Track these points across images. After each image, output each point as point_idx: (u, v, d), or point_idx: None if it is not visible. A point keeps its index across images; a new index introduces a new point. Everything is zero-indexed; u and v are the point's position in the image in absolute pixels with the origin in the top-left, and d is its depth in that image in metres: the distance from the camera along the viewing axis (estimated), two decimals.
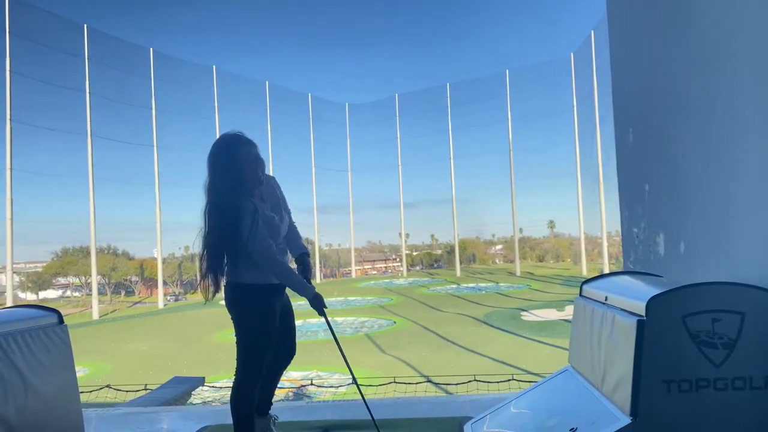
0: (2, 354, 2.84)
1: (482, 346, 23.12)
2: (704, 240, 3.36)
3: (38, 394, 3.01)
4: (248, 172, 2.92)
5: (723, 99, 3.19)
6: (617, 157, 4.93)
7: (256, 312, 2.91)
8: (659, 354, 2.11)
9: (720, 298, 2.12)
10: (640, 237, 4.48)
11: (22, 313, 3.20)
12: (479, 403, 3.58)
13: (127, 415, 4.16)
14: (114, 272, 56.95)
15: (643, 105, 4.33)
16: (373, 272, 74.94)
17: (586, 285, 3.06)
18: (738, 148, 3.02)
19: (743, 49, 2.98)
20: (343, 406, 3.82)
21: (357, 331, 29.72)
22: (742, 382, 2.09)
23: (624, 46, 4.76)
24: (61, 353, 3.24)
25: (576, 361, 2.98)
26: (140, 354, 25.59)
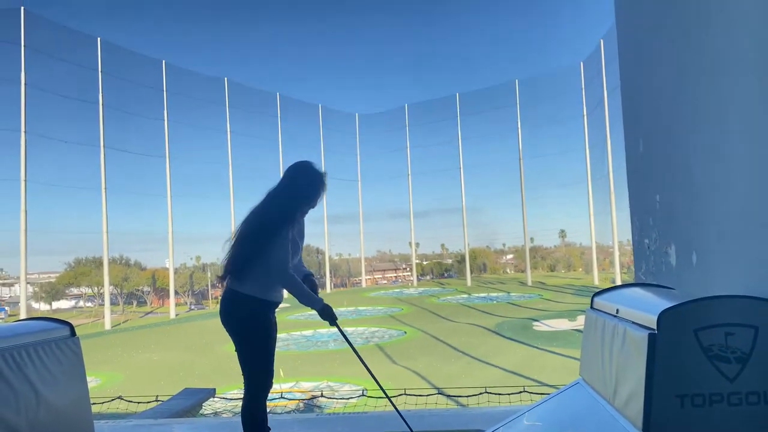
0: (15, 366, 2.86)
1: (494, 357, 22.97)
2: (716, 251, 3.32)
3: (50, 407, 3.03)
4: (311, 204, 3.17)
5: (733, 108, 3.17)
6: (627, 167, 4.91)
7: (260, 326, 2.99)
8: (671, 368, 2.09)
9: (733, 312, 2.10)
10: (652, 248, 4.45)
11: (34, 326, 3.23)
12: (491, 416, 3.55)
13: (139, 426, 4.16)
14: (126, 282, 57.28)
15: (653, 115, 4.31)
16: (384, 282, 74.84)
17: (597, 297, 3.04)
18: (748, 158, 2.99)
19: (752, 57, 2.96)
20: (355, 419, 3.81)
21: (367, 341, 29.64)
22: (756, 397, 2.06)
23: (633, 57, 4.75)
24: (73, 366, 3.27)
25: (587, 374, 2.95)
26: (152, 364, 25.68)
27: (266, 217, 3.02)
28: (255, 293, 2.96)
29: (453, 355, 24.60)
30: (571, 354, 20.01)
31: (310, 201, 3.16)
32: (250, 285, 2.96)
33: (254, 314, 2.98)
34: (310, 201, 3.16)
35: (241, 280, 2.99)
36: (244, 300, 2.98)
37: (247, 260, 2.98)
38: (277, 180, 3.26)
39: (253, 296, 2.96)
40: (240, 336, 2.99)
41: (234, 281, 3.02)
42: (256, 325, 2.98)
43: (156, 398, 6.66)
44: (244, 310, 3.00)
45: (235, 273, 3.03)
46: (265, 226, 2.98)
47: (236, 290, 3.01)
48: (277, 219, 2.98)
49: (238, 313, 3.01)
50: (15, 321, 3.47)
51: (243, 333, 2.99)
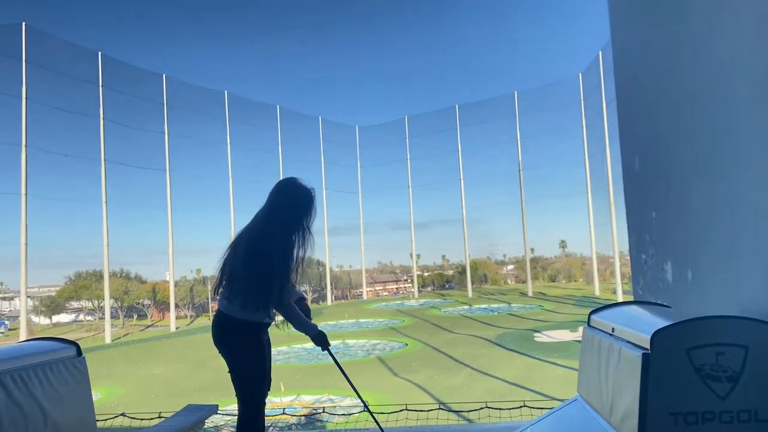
0: (23, 386, 2.91)
1: (495, 369, 22.93)
2: (711, 269, 3.39)
3: (57, 426, 3.08)
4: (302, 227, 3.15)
5: (729, 127, 3.24)
6: (624, 184, 4.98)
7: (251, 346, 3.03)
8: (665, 387, 2.15)
9: (724, 332, 2.16)
10: (649, 263, 4.51)
11: (41, 346, 3.29)
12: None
13: None
14: (127, 296, 57.21)
15: (649, 132, 4.39)
16: (385, 293, 74.71)
17: (594, 315, 3.11)
18: (741, 175, 3.06)
19: (748, 74, 3.03)
20: None
21: (369, 353, 29.58)
22: (747, 415, 2.12)
23: (628, 74, 4.84)
24: (79, 385, 3.32)
25: (585, 391, 3.01)
26: (153, 378, 25.63)
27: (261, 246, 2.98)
28: (247, 317, 2.98)
29: (454, 366, 24.55)
30: (572, 365, 19.96)
31: (303, 225, 3.14)
32: (244, 308, 2.98)
33: (247, 336, 3.02)
34: (303, 225, 3.14)
35: (232, 302, 3.01)
36: (236, 324, 3.01)
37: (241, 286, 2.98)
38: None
39: (245, 320, 2.99)
40: (234, 358, 3.02)
41: (225, 303, 3.04)
42: (250, 347, 3.01)
43: (159, 415, 6.65)
44: (235, 334, 3.03)
45: (227, 296, 3.05)
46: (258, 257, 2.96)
47: (228, 314, 3.03)
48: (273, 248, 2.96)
49: (230, 337, 3.03)
50: (19, 341, 3.53)
51: (235, 358, 3.02)
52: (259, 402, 3.01)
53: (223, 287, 3.09)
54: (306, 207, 3.17)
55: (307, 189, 3.20)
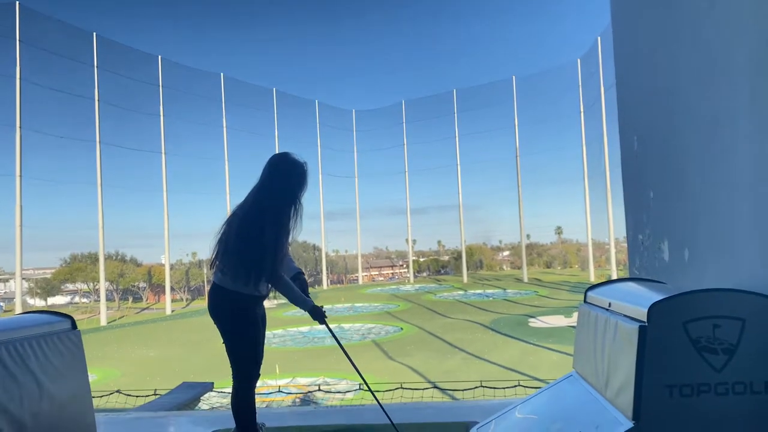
0: (18, 359, 2.90)
1: (489, 353, 23.08)
2: (707, 247, 3.39)
3: (52, 399, 3.07)
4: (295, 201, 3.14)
5: (727, 106, 3.23)
6: (622, 164, 4.97)
7: (244, 319, 3.05)
8: (661, 359, 2.15)
9: (720, 305, 2.16)
10: (645, 244, 4.51)
11: (36, 319, 3.27)
12: (485, 409, 3.61)
13: (138, 419, 4.21)
14: (122, 278, 57.25)
15: (648, 113, 4.37)
16: (380, 278, 74.93)
17: (591, 291, 3.11)
18: (739, 156, 3.05)
19: (747, 55, 3.02)
20: (351, 411, 3.87)
21: (364, 337, 29.73)
22: (742, 387, 2.13)
23: (628, 55, 4.81)
24: (74, 358, 3.31)
25: (580, 367, 3.02)
26: (148, 360, 25.72)
27: (254, 217, 3.01)
28: (240, 288, 3.00)
29: (449, 351, 24.70)
30: (566, 350, 20.11)
31: (295, 196, 3.15)
32: (235, 281, 3.00)
33: (239, 308, 3.03)
34: (295, 196, 3.15)
35: (226, 275, 3.03)
36: (229, 295, 3.03)
37: (234, 259, 3.01)
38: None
39: (237, 291, 3.01)
40: (226, 330, 3.03)
41: (220, 276, 3.06)
42: (242, 319, 3.03)
43: (154, 392, 6.70)
44: (229, 305, 3.04)
45: (221, 269, 3.06)
46: (252, 226, 2.98)
47: (221, 286, 3.05)
48: (266, 221, 2.98)
49: (224, 308, 3.05)
50: (17, 314, 3.52)
51: (229, 327, 3.04)
52: (251, 373, 3.02)
53: (218, 261, 3.10)
54: (299, 180, 3.17)
55: (300, 163, 3.21)
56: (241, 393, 3.00)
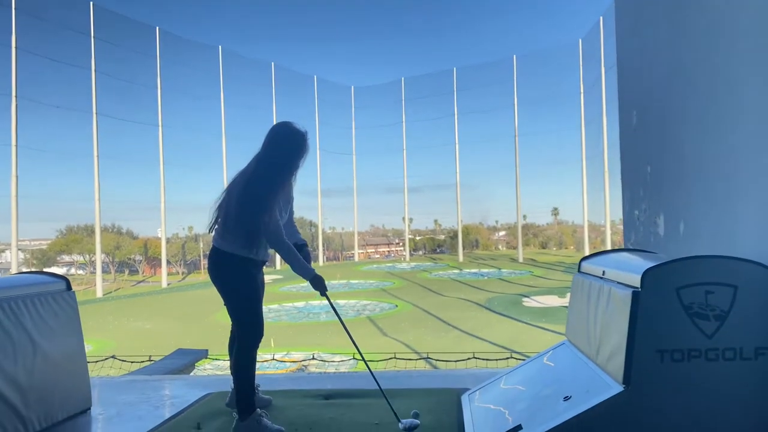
0: (12, 316, 2.91)
1: (483, 331, 23.24)
2: (703, 220, 3.39)
3: (47, 357, 3.09)
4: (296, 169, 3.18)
5: (725, 79, 3.21)
6: (621, 139, 4.95)
7: (245, 280, 3.06)
8: (653, 324, 2.17)
9: (714, 271, 2.17)
10: (641, 219, 4.52)
11: (31, 279, 3.28)
12: (477, 377, 3.64)
13: (133, 382, 4.24)
14: (118, 251, 57.27)
15: (648, 87, 4.34)
16: (376, 256, 75.09)
17: (585, 261, 3.12)
18: (739, 126, 3.04)
19: (745, 29, 2.99)
20: (343, 377, 3.90)
21: (359, 313, 29.87)
22: (732, 353, 2.14)
23: (630, 29, 4.76)
24: (68, 318, 3.32)
25: (572, 335, 3.04)
26: (143, 332, 25.84)
27: (255, 184, 3.02)
28: (239, 252, 3.01)
29: (443, 328, 24.87)
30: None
31: (296, 164, 3.17)
32: (234, 243, 3.02)
33: (239, 270, 3.04)
34: (296, 164, 3.17)
35: (226, 239, 3.05)
36: (229, 258, 3.04)
37: (234, 222, 3.02)
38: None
39: (236, 254, 3.02)
40: (227, 291, 3.05)
41: (218, 239, 3.08)
42: (242, 280, 3.04)
43: (149, 358, 6.71)
44: (229, 267, 3.06)
45: (221, 233, 3.08)
46: (253, 193, 2.99)
47: (220, 248, 3.07)
48: (267, 185, 3.00)
49: (224, 270, 3.07)
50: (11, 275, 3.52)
51: (228, 289, 3.05)
52: (254, 333, 3.03)
53: (218, 225, 3.10)
54: (299, 149, 3.19)
55: (301, 132, 3.24)
56: (243, 352, 3.02)
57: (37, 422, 3.00)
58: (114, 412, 3.42)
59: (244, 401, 2.95)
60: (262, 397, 3.38)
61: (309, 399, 3.45)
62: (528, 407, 2.61)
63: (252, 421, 2.91)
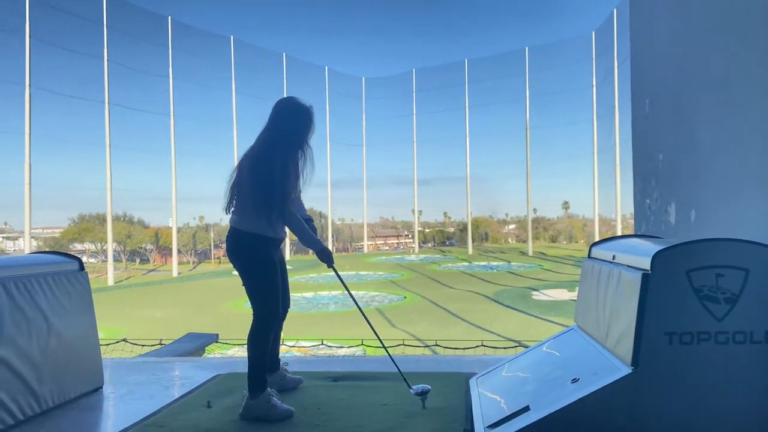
0: (27, 295, 2.95)
1: (491, 323, 23.26)
2: (715, 207, 3.38)
3: (60, 336, 3.13)
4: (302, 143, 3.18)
5: (739, 68, 3.18)
6: (633, 128, 4.92)
7: (261, 258, 3.07)
8: (662, 307, 2.16)
9: (725, 254, 2.16)
10: (652, 208, 4.50)
11: (45, 258, 3.32)
12: (485, 362, 3.65)
13: (144, 363, 4.29)
14: (129, 240, 57.69)
15: (661, 76, 4.31)
16: (385, 248, 75.16)
17: (595, 247, 3.11)
18: (752, 114, 3.02)
19: (759, 17, 2.96)
20: (352, 360, 3.93)
21: (368, 305, 29.97)
22: (742, 336, 2.14)
23: (644, 18, 4.72)
24: (81, 298, 3.36)
25: (581, 320, 3.04)
26: (154, 320, 26.06)
27: (264, 160, 3.04)
28: (254, 230, 3.03)
29: (451, 320, 24.91)
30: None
31: (302, 138, 3.18)
32: (250, 222, 3.04)
33: (255, 250, 3.06)
34: (302, 138, 3.18)
35: (241, 218, 3.07)
36: (245, 237, 3.07)
37: (247, 201, 3.04)
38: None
39: (252, 233, 3.04)
40: (244, 271, 3.07)
41: (235, 219, 3.10)
42: (259, 259, 3.06)
43: (160, 342, 6.77)
44: (245, 247, 3.08)
45: (236, 212, 3.10)
46: (263, 169, 3.01)
47: (237, 228, 3.10)
48: (274, 160, 3.02)
49: (240, 250, 3.09)
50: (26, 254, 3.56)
51: (246, 268, 3.07)
52: (270, 312, 3.05)
53: (233, 205, 3.12)
54: (305, 123, 3.22)
55: (305, 106, 3.27)
56: (258, 331, 3.03)
57: (50, 399, 3.04)
58: (125, 390, 3.47)
59: (254, 379, 2.97)
60: (292, 378, 3.40)
61: (318, 380, 3.48)
62: (536, 390, 2.62)
63: (262, 399, 2.93)
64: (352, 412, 2.90)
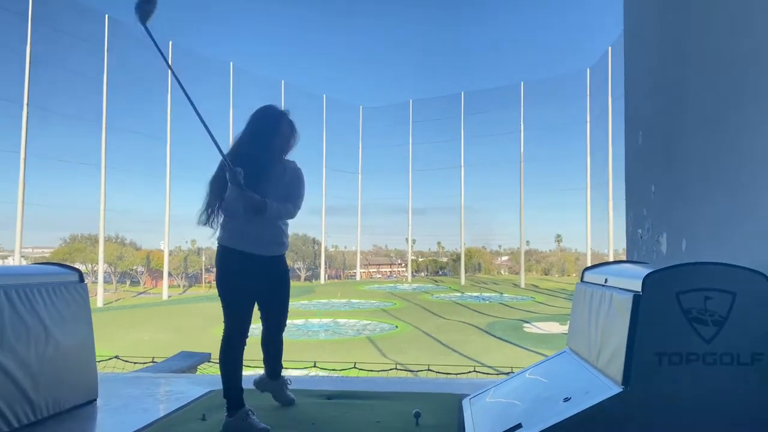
0: (27, 303, 2.98)
1: (483, 355, 23.10)
2: (706, 238, 3.46)
3: (58, 346, 3.15)
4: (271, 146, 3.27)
5: (732, 102, 3.30)
6: (626, 160, 5.04)
7: (229, 273, 3.04)
8: (653, 327, 2.23)
9: (713, 278, 2.23)
10: (644, 238, 4.59)
11: (46, 269, 3.36)
12: (478, 385, 3.68)
13: (138, 378, 4.29)
14: (120, 261, 57.32)
15: (654, 108, 4.44)
16: (378, 276, 74.92)
17: (588, 271, 3.18)
18: (745, 148, 3.12)
19: (751, 52, 3.09)
20: (345, 381, 3.94)
21: (359, 333, 29.75)
22: (729, 358, 2.20)
23: (638, 50, 4.87)
24: (80, 309, 3.39)
25: (574, 343, 3.09)
26: (141, 343, 25.74)
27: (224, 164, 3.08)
28: (222, 241, 3.06)
29: (442, 351, 24.73)
30: None
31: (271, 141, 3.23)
32: (220, 232, 3.09)
33: (222, 261, 3.05)
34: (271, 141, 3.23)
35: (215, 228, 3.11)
36: (218, 248, 3.09)
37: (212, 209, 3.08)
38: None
39: (221, 245, 3.07)
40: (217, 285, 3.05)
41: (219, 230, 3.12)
42: (223, 273, 3.03)
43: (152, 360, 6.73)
44: (217, 259, 3.09)
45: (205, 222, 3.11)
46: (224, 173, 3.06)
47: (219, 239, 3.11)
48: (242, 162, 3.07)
49: (215, 262, 3.10)
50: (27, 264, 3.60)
51: (216, 281, 3.05)
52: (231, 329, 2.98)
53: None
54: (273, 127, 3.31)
55: (277, 112, 3.39)
56: (224, 348, 2.99)
57: (45, 408, 3.05)
58: (120, 403, 3.47)
59: (227, 397, 2.94)
60: (288, 395, 3.39)
61: (311, 398, 3.50)
62: (528, 408, 2.66)
63: (238, 418, 2.89)
64: (346, 428, 2.92)
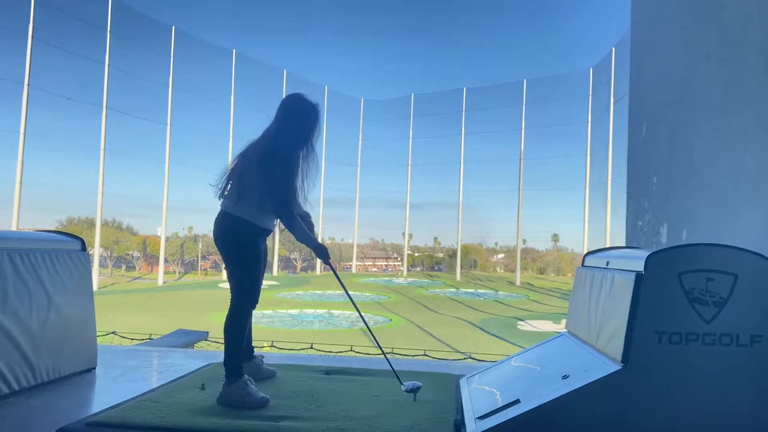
0: (30, 268, 2.99)
1: (475, 351, 23.15)
2: (707, 226, 3.49)
3: (59, 312, 3.17)
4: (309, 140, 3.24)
5: (737, 92, 3.31)
6: (629, 151, 5.07)
7: (245, 242, 3.10)
8: (654, 307, 2.25)
9: (716, 259, 2.25)
10: (644, 229, 4.61)
11: (49, 236, 3.37)
12: (475, 368, 3.70)
13: (135, 351, 4.31)
14: (117, 246, 57.29)
15: (659, 99, 4.46)
16: (374, 269, 75.02)
17: (589, 256, 3.20)
18: (748, 138, 3.14)
19: (758, 45, 3.10)
20: (344, 359, 3.96)
21: (353, 325, 29.81)
22: (729, 339, 2.22)
23: (645, 41, 4.89)
24: (81, 278, 3.40)
25: (573, 326, 3.11)
26: (136, 327, 25.73)
27: (275, 149, 3.07)
28: (246, 216, 3.07)
29: (435, 345, 24.78)
30: None
31: (310, 134, 3.23)
32: (244, 208, 3.07)
33: (241, 234, 3.08)
34: (310, 134, 3.23)
35: (235, 202, 3.09)
36: (234, 220, 3.08)
37: (247, 188, 3.07)
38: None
39: (242, 218, 3.07)
40: (226, 253, 3.08)
41: (228, 204, 3.12)
42: (242, 244, 3.08)
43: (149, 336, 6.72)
44: (231, 229, 3.09)
45: (232, 197, 3.12)
46: (274, 158, 3.04)
47: (228, 212, 3.11)
48: (286, 151, 3.07)
49: (228, 232, 3.10)
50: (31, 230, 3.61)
51: (229, 250, 3.08)
52: (250, 298, 3.08)
53: (228, 191, 3.15)
54: (312, 121, 3.25)
55: (313, 104, 3.31)
56: (235, 317, 3.04)
57: (45, 373, 3.07)
58: (119, 372, 3.49)
59: (230, 364, 2.97)
60: (267, 368, 3.43)
61: (311, 373, 3.52)
62: (526, 386, 2.68)
63: (238, 386, 2.92)
64: (344, 400, 2.95)
